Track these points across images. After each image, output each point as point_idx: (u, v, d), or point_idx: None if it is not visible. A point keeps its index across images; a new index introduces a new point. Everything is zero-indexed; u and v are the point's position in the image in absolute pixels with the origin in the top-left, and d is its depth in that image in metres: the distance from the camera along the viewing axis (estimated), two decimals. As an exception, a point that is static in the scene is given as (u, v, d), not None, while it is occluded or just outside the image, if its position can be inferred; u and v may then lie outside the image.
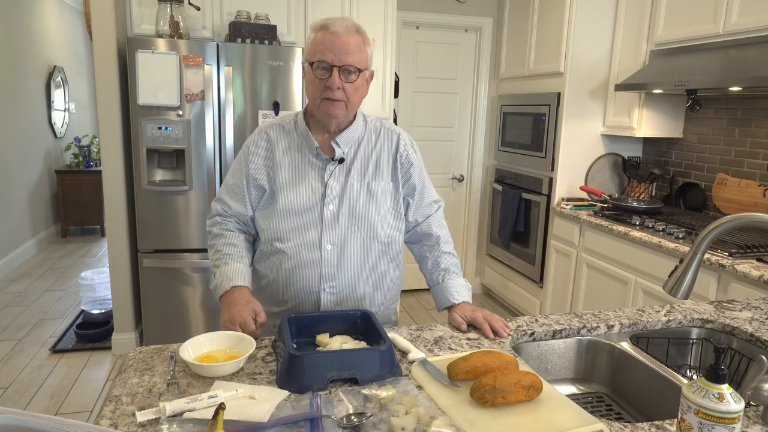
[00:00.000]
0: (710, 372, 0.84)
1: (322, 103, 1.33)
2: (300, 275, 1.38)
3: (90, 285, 3.53)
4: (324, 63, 1.29)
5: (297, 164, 1.41)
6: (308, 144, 1.41)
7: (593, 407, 1.34)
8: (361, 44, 1.31)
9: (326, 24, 1.30)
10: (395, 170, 1.44)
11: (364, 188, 1.41)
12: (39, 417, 0.66)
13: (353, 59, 1.29)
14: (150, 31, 2.98)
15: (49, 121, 5.73)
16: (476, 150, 4.31)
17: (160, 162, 2.97)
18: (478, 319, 1.33)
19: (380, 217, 1.41)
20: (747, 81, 2.25)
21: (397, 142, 1.47)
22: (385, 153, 1.45)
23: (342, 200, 1.39)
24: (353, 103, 1.35)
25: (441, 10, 4.03)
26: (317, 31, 1.31)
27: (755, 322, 1.44)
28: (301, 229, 1.37)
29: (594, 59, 3.26)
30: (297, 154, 1.42)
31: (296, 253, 1.37)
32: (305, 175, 1.40)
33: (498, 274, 4.15)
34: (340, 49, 1.27)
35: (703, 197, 3.02)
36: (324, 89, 1.30)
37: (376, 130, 1.47)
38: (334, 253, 1.38)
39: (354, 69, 1.30)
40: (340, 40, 1.28)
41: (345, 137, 1.41)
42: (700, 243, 1.12)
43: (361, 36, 1.32)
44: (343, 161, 1.41)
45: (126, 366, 1.12)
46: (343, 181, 1.40)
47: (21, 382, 2.88)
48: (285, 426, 0.91)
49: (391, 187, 1.44)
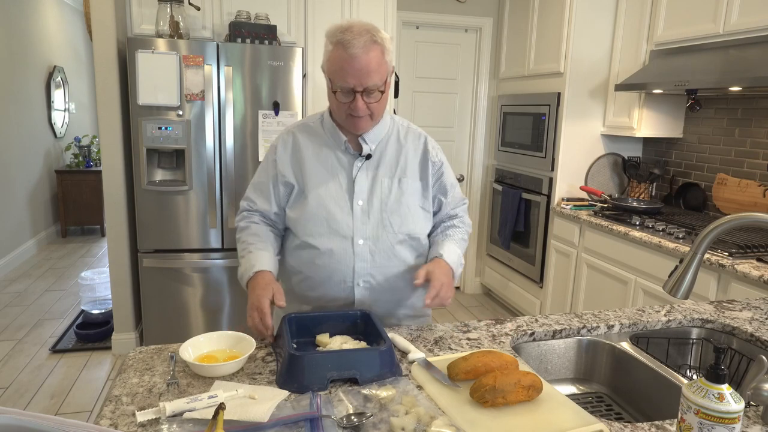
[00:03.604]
0: (710, 372, 0.84)
1: (348, 119, 1.35)
2: (334, 270, 1.39)
3: (90, 285, 3.53)
4: (346, 88, 1.28)
5: (325, 160, 1.42)
6: (336, 139, 1.42)
7: (593, 407, 1.34)
8: (381, 57, 1.28)
9: (343, 41, 1.25)
10: (424, 171, 1.45)
11: (395, 184, 1.42)
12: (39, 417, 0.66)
13: (375, 80, 1.27)
14: (150, 31, 2.98)
15: (49, 121, 5.73)
16: (476, 150, 4.31)
17: (160, 162, 2.97)
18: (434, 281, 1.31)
19: (411, 212, 1.42)
20: (747, 81, 2.25)
21: (425, 143, 1.48)
22: (411, 153, 1.46)
23: (372, 196, 1.40)
24: (378, 113, 1.36)
25: (441, 10, 4.03)
26: (335, 46, 1.27)
27: (755, 322, 1.44)
28: (333, 225, 1.38)
29: (594, 59, 3.26)
30: (325, 150, 1.42)
31: (328, 249, 1.38)
32: (333, 170, 1.41)
33: (498, 274, 4.15)
34: (360, 73, 1.26)
35: (703, 197, 3.02)
36: (348, 109, 1.32)
37: (403, 130, 1.48)
38: (366, 247, 1.39)
39: (376, 89, 1.29)
40: (359, 63, 1.25)
41: (372, 134, 1.41)
42: (700, 243, 1.12)
43: (380, 46, 1.28)
44: (371, 157, 1.42)
45: (126, 366, 1.12)
46: (372, 177, 1.41)
47: (21, 382, 2.88)
48: (285, 426, 0.91)
49: (420, 186, 1.45)
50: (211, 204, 3.00)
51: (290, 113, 3.00)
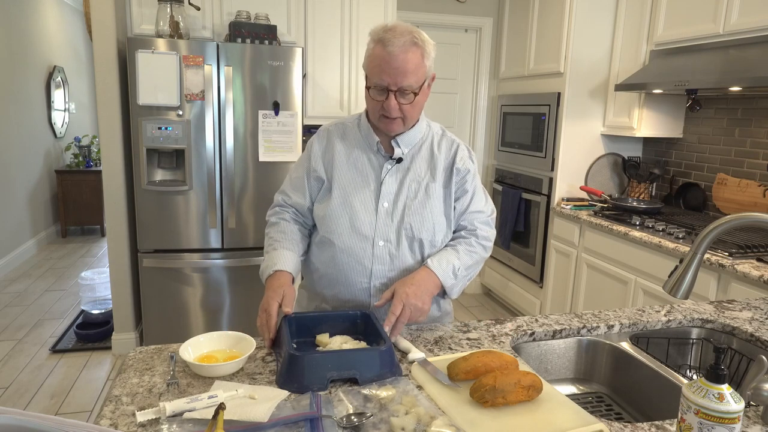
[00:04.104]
0: (710, 372, 0.84)
1: (380, 119, 1.35)
2: (351, 269, 1.39)
3: (90, 285, 3.53)
4: (380, 86, 1.28)
5: (355, 160, 1.42)
6: (369, 140, 1.43)
7: (593, 407, 1.34)
8: (419, 59, 1.27)
9: (384, 39, 1.26)
10: (449, 177, 1.44)
11: (422, 189, 1.41)
12: (39, 417, 0.66)
13: (410, 81, 1.27)
14: (150, 31, 2.98)
15: (49, 121, 5.73)
16: (476, 150, 4.31)
17: (160, 162, 2.97)
18: (395, 302, 1.24)
19: (434, 218, 1.41)
20: (747, 81, 2.25)
21: (455, 150, 1.46)
22: (441, 160, 1.44)
23: (398, 199, 1.40)
24: (411, 117, 1.36)
25: (441, 10, 4.03)
26: (375, 44, 1.28)
27: (755, 322, 1.44)
28: (355, 223, 1.38)
29: (594, 59, 3.26)
30: (356, 149, 1.43)
31: (348, 247, 1.38)
32: (363, 170, 1.42)
33: (498, 274, 4.15)
34: (396, 72, 1.25)
35: (703, 197, 3.02)
36: (381, 109, 1.31)
37: (438, 137, 1.47)
38: (386, 250, 1.38)
39: (411, 91, 1.29)
40: (396, 62, 1.25)
41: (406, 138, 1.41)
42: (700, 243, 1.12)
43: (420, 48, 1.27)
44: (401, 161, 1.41)
45: (126, 366, 1.12)
46: (400, 181, 1.41)
47: (21, 382, 2.88)
48: (285, 426, 0.91)
49: (443, 193, 1.44)
50: (211, 204, 3.00)
51: (290, 113, 3.00)
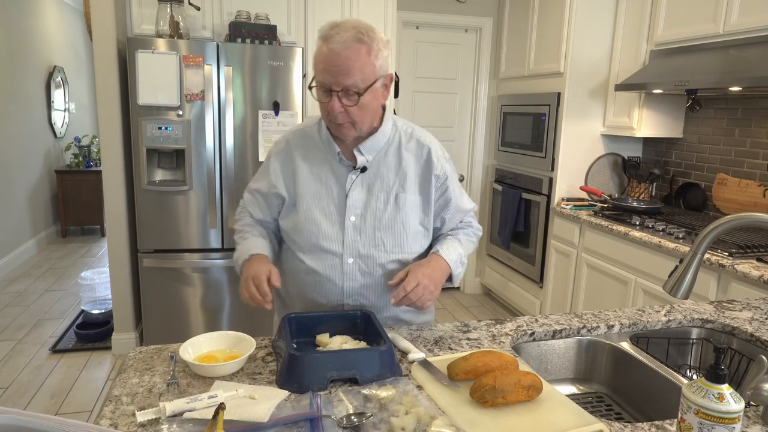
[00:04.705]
0: (710, 372, 0.84)
1: (330, 124, 1.27)
2: (322, 286, 1.33)
3: (90, 285, 3.53)
4: (323, 85, 1.19)
5: (318, 172, 1.33)
6: (330, 149, 1.33)
7: (593, 407, 1.34)
8: (366, 56, 1.17)
9: (328, 36, 1.18)
10: (426, 184, 1.35)
11: (392, 200, 1.32)
12: (39, 417, 0.66)
13: (354, 80, 1.16)
14: (150, 31, 2.98)
15: (49, 121, 5.73)
16: (476, 150, 4.31)
17: (160, 162, 2.97)
18: (408, 280, 1.23)
19: (406, 232, 1.33)
20: (747, 81, 2.25)
21: (428, 154, 1.35)
22: (412, 164, 1.34)
23: (366, 212, 1.32)
24: (361, 121, 1.24)
25: (441, 10, 4.03)
26: (321, 42, 1.20)
27: (755, 322, 1.44)
28: (322, 242, 1.31)
29: (594, 59, 3.26)
30: (318, 160, 1.34)
31: (317, 266, 1.32)
32: (326, 183, 1.33)
33: (498, 274, 4.15)
34: (338, 71, 1.16)
35: (703, 197, 3.02)
36: (326, 112, 1.23)
37: (407, 138, 1.36)
38: (356, 266, 1.32)
39: (355, 91, 1.18)
40: (338, 59, 1.15)
41: (369, 144, 1.31)
42: (700, 243, 1.12)
43: (366, 45, 1.17)
44: (366, 170, 1.32)
45: (126, 366, 1.12)
46: (367, 191, 1.32)
47: (21, 382, 2.88)
48: (285, 426, 0.91)
49: (419, 201, 1.35)
50: (211, 204, 3.00)
51: (290, 113, 3.00)
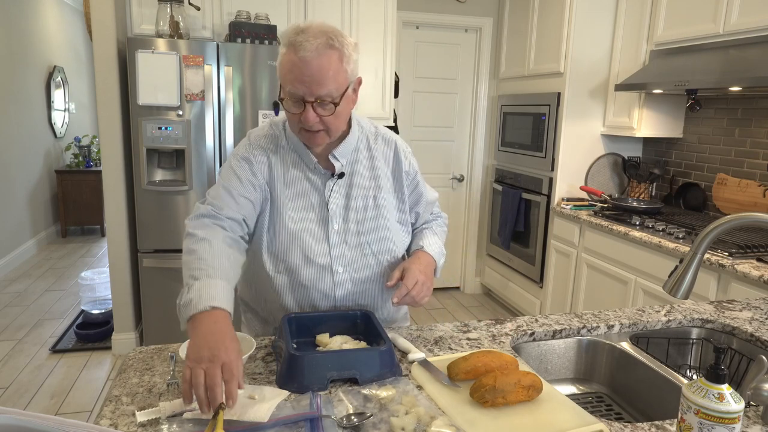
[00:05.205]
0: (710, 372, 0.84)
1: (301, 133, 1.21)
2: (312, 298, 1.30)
3: (90, 285, 3.53)
4: (295, 96, 1.14)
5: (295, 183, 1.28)
6: (304, 159, 1.28)
7: (593, 407, 1.34)
8: (338, 63, 1.13)
9: (295, 43, 1.11)
10: (398, 182, 1.35)
11: (371, 202, 1.31)
12: (39, 417, 0.66)
13: (328, 89, 1.13)
14: (150, 31, 2.98)
15: (49, 121, 5.73)
16: (476, 150, 4.31)
17: (160, 162, 2.97)
18: (408, 279, 1.21)
19: (390, 231, 1.33)
20: (747, 81, 2.25)
21: (395, 151, 1.36)
22: (382, 162, 1.34)
23: (348, 218, 1.29)
24: (336, 129, 1.21)
25: (441, 10, 4.03)
26: (287, 49, 1.13)
27: (755, 322, 1.44)
28: (308, 254, 1.27)
29: (594, 59, 3.26)
30: (293, 171, 1.28)
31: (306, 279, 1.28)
32: (303, 192, 1.28)
33: (498, 274, 4.15)
34: (311, 80, 1.11)
35: (703, 197, 3.02)
36: (299, 122, 1.17)
37: (373, 136, 1.35)
38: (346, 275, 1.30)
39: (330, 100, 1.14)
40: (310, 69, 1.11)
41: (343, 149, 1.28)
42: (700, 243, 1.12)
43: (338, 51, 1.13)
44: (344, 175, 1.29)
45: (126, 366, 1.12)
46: (346, 196, 1.29)
47: (21, 382, 2.88)
48: (285, 426, 0.91)
49: (394, 198, 1.35)
50: (211, 204, 2.99)
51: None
